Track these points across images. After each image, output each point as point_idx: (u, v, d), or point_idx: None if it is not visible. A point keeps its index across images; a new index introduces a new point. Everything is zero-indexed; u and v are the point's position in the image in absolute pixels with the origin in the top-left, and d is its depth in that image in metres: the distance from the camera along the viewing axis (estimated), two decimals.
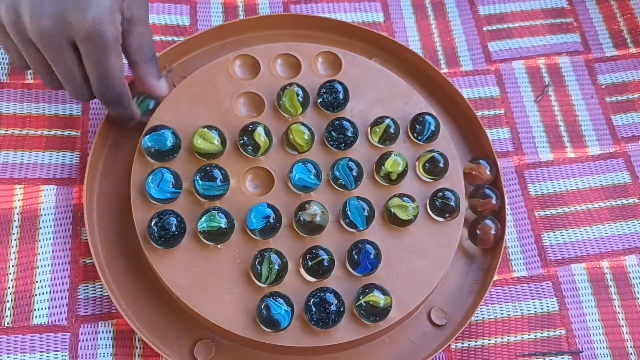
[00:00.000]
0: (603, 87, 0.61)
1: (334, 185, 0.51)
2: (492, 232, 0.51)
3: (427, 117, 0.53)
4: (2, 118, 0.54)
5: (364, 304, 0.46)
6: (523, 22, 0.63)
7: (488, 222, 0.51)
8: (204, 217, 0.47)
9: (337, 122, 0.51)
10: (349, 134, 0.51)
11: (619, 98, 0.61)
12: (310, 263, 0.47)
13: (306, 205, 0.48)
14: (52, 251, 0.50)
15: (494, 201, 0.52)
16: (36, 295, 0.49)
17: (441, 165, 0.51)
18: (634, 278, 0.53)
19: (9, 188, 0.52)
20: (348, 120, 0.52)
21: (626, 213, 0.55)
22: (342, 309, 0.46)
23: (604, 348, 0.51)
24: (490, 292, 0.52)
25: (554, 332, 0.51)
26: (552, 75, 0.61)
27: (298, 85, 0.52)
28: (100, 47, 0.44)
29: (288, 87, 0.52)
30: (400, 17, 0.62)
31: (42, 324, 0.48)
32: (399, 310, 0.47)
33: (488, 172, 0.53)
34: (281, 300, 0.45)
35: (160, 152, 0.49)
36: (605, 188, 0.56)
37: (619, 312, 0.52)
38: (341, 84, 0.53)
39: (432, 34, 0.62)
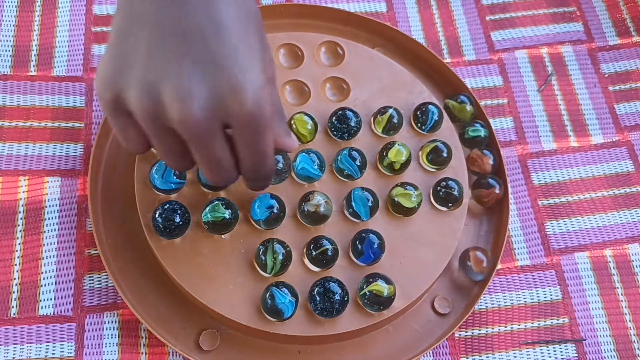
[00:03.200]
0: (606, 75, 0.61)
1: (340, 177, 0.51)
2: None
3: (430, 106, 0.53)
4: (6, 110, 0.54)
5: (367, 293, 0.46)
6: (526, 11, 0.63)
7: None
8: (208, 208, 0.47)
9: (340, 112, 0.52)
10: (352, 123, 0.51)
11: (622, 87, 0.61)
12: (314, 253, 0.47)
13: (310, 196, 0.48)
14: (57, 242, 0.50)
15: (497, 190, 0.52)
16: (42, 286, 0.49)
17: (444, 154, 0.51)
18: (637, 266, 0.53)
19: (14, 180, 0.52)
20: (351, 110, 0.52)
21: (629, 201, 0.56)
22: (346, 299, 0.46)
23: (607, 336, 0.51)
24: (493, 280, 0.52)
25: (557, 320, 0.51)
26: (555, 64, 0.61)
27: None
28: (261, 129, 0.38)
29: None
30: (403, 7, 0.62)
31: (48, 314, 0.48)
32: (403, 299, 0.48)
33: (491, 162, 0.53)
34: (286, 290, 0.45)
35: None
36: (609, 177, 0.57)
37: (622, 300, 0.52)
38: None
39: (435, 24, 0.62)
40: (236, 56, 0.37)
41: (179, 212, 0.47)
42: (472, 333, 0.50)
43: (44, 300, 0.49)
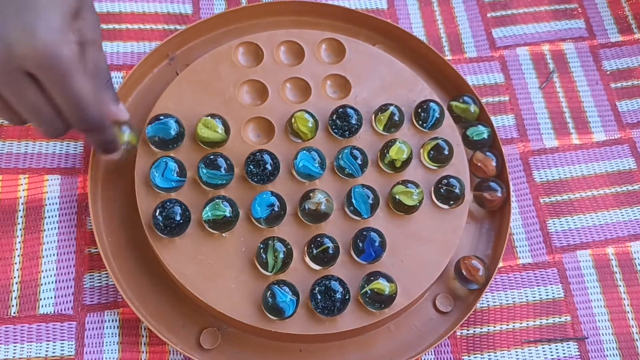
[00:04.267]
0: (608, 73, 0.61)
1: (341, 175, 0.51)
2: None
3: (431, 104, 0.53)
4: None
5: (369, 291, 0.46)
6: (527, 8, 0.63)
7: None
8: (208, 206, 0.47)
9: (341, 110, 0.51)
10: (353, 121, 0.51)
11: (624, 84, 0.60)
12: (315, 251, 0.47)
13: (311, 194, 0.48)
14: (58, 241, 0.50)
15: (499, 194, 0.51)
16: (42, 284, 0.49)
17: (446, 152, 0.51)
18: (639, 264, 0.53)
19: (14, 178, 0.52)
20: (352, 108, 0.51)
21: (631, 199, 0.55)
22: (347, 297, 0.46)
23: (609, 334, 0.51)
24: (495, 279, 0.52)
25: (560, 318, 0.51)
26: (556, 61, 0.61)
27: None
28: (60, 71, 0.38)
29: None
30: (404, 4, 0.62)
31: (48, 313, 0.48)
32: (404, 298, 0.47)
33: (494, 164, 0.52)
34: (287, 289, 0.45)
35: (164, 140, 0.49)
36: (611, 174, 0.56)
37: (624, 299, 0.52)
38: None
39: (436, 21, 0.62)
40: (34, 5, 0.38)
41: (179, 210, 0.47)
42: (474, 331, 0.50)
43: (44, 299, 0.48)
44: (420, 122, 0.53)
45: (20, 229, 0.50)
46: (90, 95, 0.40)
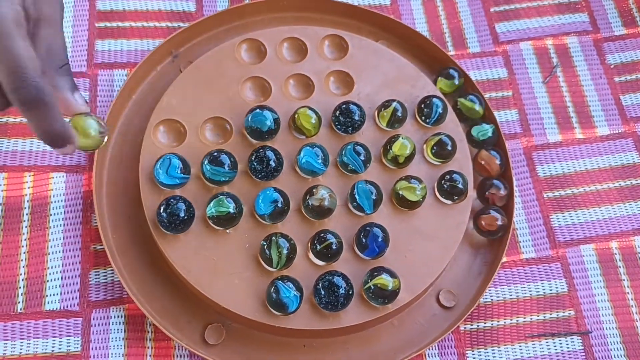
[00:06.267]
0: (612, 66, 0.61)
1: (344, 171, 0.51)
2: (498, 222, 0.50)
3: (434, 99, 0.53)
4: None
5: (372, 286, 0.46)
6: (530, 2, 0.63)
7: (494, 212, 0.51)
8: (212, 202, 0.47)
9: (344, 106, 0.51)
10: (356, 117, 0.51)
11: (628, 77, 0.60)
12: (318, 247, 0.47)
13: (314, 190, 0.48)
14: (63, 238, 0.51)
15: (502, 191, 0.51)
16: (48, 281, 0.49)
17: (449, 147, 0.51)
18: None
19: (19, 176, 0.52)
20: (355, 104, 0.52)
21: (635, 193, 0.55)
22: (350, 292, 0.46)
23: (613, 328, 0.51)
24: (498, 273, 0.52)
25: (563, 313, 0.51)
26: (560, 55, 0.61)
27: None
28: None
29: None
30: (407, 0, 0.62)
31: (55, 309, 0.49)
32: (408, 293, 0.47)
33: (498, 162, 0.52)
34: (290, 284, 0.45)
35: (260, 131, 0.50)
36: (614, 168, 0.56)
37: (628, 293, 0.52)
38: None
39: (439, 16, 0.62)
40: None
41: (183, 207, 0.47)
42: (478, 326, 0.50)
43: (50, 295, 0.49)
44: (423, 118, 0.53)
45: (26, 226, 0.51)
46: (29, 61, 0.36)
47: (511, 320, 0.50)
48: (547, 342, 0.50)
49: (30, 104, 0.36)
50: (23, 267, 0.50)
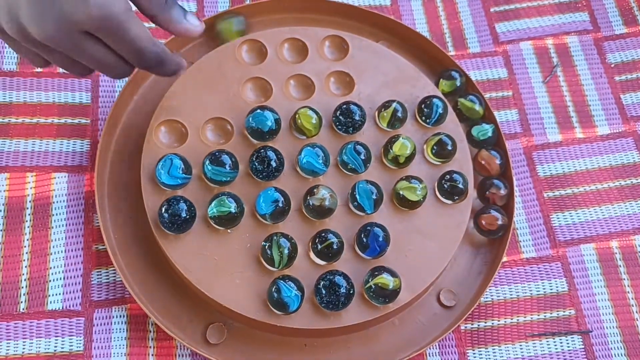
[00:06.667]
0: (612, 65, 0.61)
1: (344, 170, 0.51)
2: (499, 222, 0.51)
3: (434, 100, 0.53)
4: (12, 107, 0.55)
5: (373, 286, 0.46)
6: (531, 2, 0.63)
7: (494, 212, 0.51)
8: (213, 202, 0.47)
9: (345, 106, 0.52)
10: (357, 117, 0.51)
11: (628, 76, 0.60)
12: (319, 246, 0.47)
13: (315, 190, 0.48)
14: (65, 238, 0.51)
15: (502, 191, 0.52)
16: (50, 281, 0.49)
17: (449, 147, 0.51)
18: None
19: (21, 176, 0.52)
20: (356, 104, 0.52)
21: (636, 192, 0.55)
22: (351, 292, 0.46)
23: (613, 327, 0.51)
24: (499, 273, 0.52)
25: (564, 312, 0.51)
26: (560, 55, 0.61)
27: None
28: (116, 27, 0.41)
29: None
30: (407, 0, 0.62)
31: (57, 309, 0.49)
32: (408, 292, 0.48)
33: (498, 162, 0.53)
34: (292, 284, 0.46)
35: (261, 131, 0.50)
36: (615, 168, 0.56)
37: (628, 292, 0.52)
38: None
39: (439, 17, 0.62)
40: None
41: (184, 207, 0.47)
42: (478, 325, 0.50)
43: (53, 295, 0.49)
44: (423, 118, 0.53)
45: (28, 227, 0.51)
46: (145, 41, 0.43)
47: (512, 319, 0.51)
48: (547, 342, 0.50)
49: (154, 67, 0.45)
50: (25, 267, 0.50)
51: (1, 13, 0.41)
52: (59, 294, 0.49)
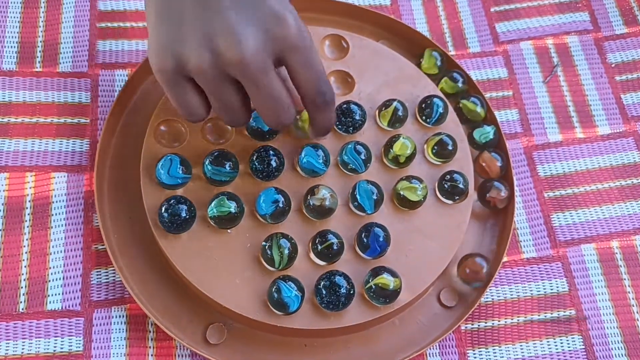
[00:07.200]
0: (613, 65, 0.61)
1: (344, 170, 0.51)
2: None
3: (435, 99, 0.53)
4: (12, 106, 0.55)
5: (373, 286, 0.46)
6: (531, 1, 0.63)
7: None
8: (213, 202, 0.47)
9: (345, 106, 0.51)
10: (357, 117, 0.51)
11: (629, 76, 0.60)
12: (320, 247, 0.47)
13: (315, 190, 0.48)
14: (65, 238, 0.51)
15: (503, 193, 0.51)
16: (50, 281, 0.49)
17: (450, 147, 0.51)
18: None
19: (20, 176, 0.52)
20: (356, 104, 0.52)
21: (636, 192, 0.55)
22: (352, 292, 0.46)
23: (614, 328, 0.51)
24: (499, 273, 0.52)
25: (564, 312, 0.51)
26: (560, 55, 0.61)
27: None
28: (309, 47, 0.42)
29: None
30: (407, 0, 0.62)
31: (56, 309, 0.49)
32: (409, 292, 0.48)
33: (499, 164, 0.52)
34: (292, 284, 0.45)
35: (261, 131, 0.51)
36: (615, 168, 0.56)
37: (629, 292, 0.52)
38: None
39: (439, 16, 0.62)
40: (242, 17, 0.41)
41: (184, 207, 0.47)
42: (479, 326, 0.50)
43: (52, 295, 0.49)
44: (424, 118, 0.53)
45: (27, 226, 0.51)
46: (324, 70, 0.44)
47: (512, 319, 0.51)
48: (548, 342, 0.50)
49: (323, 106, 0.45)
50: (25, 267, 0.50)
51: (187, 47, 0.41)
52: (59, 294, 0.49)
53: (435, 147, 0.51)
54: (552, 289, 0.52)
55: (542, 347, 0.50)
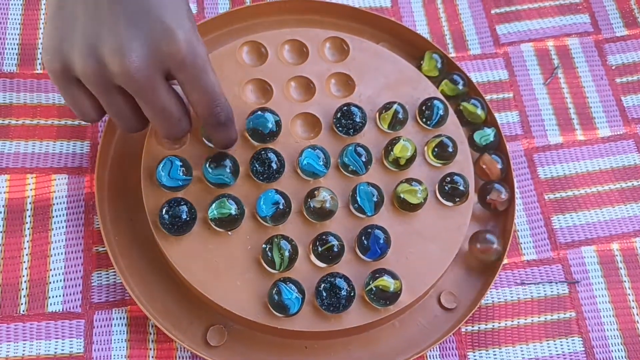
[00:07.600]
0: (613, 67, 0.61)
1: (344, 172, 0.51)
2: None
3: (435, 102, 0.53)
4: (13, 108, 0.55)
5: (374, 288, 0.46)
6: (531, 3, 0.63)
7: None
8: (214, 204, 0.47)
9: (345, 108, 0.52)
10: (358, 119, 0.51)
11: (629, 78, 0.60)
12: (320, 249, 0.47)
13: (315, 192, 0.48)
14: (65, 239, 0.51)
15: (503, 196, 0.51)
16: (50, 283, 0.49)
17: (450, 149, 0.51)
18: None
19: (21, 178, 0.52)
20: (356, 106, 0.52)
21: (636, 195, 0.55)
22: (352, 294, 0.46)
23: (614, 330, 0.51)
24: (500, 275, 0.52)
25: (564, 314, 0.51)
26: (561, 57, 0.61)
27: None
28: (199, 67, 0.41)
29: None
30: (408, 2, 0.62)
31: (57, 311, 0.49)
32: (409, 294, 0.48)
33: (499, 167, 0.52)
34: (292, 286, 0.46)
35: (262, 133, 0.50)
36: (616, 170, 0.56)
37: (629, 294, 0.52)
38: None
39: (440, 18, 0.62)
40: (164, 6, 0.40)
41: (185, 209, 0.47)
42: (479, 328, 0.50)
43: (53, 297, 0.49)
44: (424, 120, 0.53)
45: (28, 228, 0.51)
46: (221, 89, 0.43)
47: (512, 321, 0.51)
48: (548, 343, 0.50)
49: (219, 124, 0.45)
50: (25, 269, 0.50)
51: (75, 51, 0.40)
52: (59, 295, 0.49)
53: (436, 149, 0.51)
54: (552, 292, 0.52)
55: (542, 349, 0.50)
